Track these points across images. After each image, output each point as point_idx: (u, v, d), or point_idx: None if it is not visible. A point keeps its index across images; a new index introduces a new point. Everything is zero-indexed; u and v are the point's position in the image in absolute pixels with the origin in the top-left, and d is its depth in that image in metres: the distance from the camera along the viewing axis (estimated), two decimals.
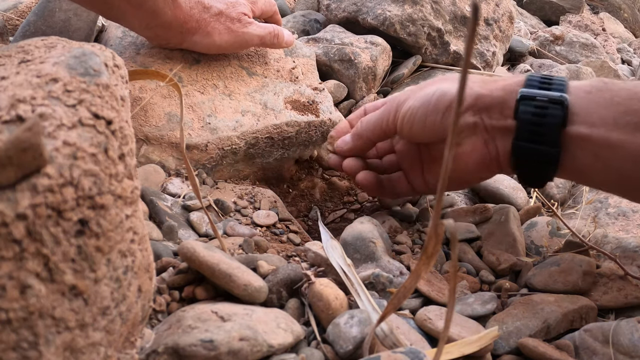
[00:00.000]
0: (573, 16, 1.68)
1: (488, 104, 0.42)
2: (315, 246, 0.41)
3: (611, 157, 0.37)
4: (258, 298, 0.33)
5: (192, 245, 0.34)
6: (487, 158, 0.43)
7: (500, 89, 0.42)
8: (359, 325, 0.31)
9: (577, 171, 0.40)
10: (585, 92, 0.39)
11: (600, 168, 0.38)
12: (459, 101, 0.19)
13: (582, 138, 0.38)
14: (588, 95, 0.39)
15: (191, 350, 0.27)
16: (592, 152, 0.38)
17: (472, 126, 0.42)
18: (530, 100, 0.39)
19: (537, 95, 0.39)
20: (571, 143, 0.38)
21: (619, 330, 0.34)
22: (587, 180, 0.42)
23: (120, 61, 0.28)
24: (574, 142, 0.38)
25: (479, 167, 0.44)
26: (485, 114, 0.42)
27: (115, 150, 0.24)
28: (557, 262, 0.42)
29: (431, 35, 0.83)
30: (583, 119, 0.38)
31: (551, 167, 0.40)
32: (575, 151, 0.38)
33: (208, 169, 0.54)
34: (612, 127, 0.37)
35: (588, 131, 0.38)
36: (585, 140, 0.38)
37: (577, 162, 0.39)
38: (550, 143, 0.39)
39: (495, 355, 0.35)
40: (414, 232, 0.52)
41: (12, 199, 0.19)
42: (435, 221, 0.23)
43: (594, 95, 0.38)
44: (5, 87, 0.23)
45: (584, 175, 0.40)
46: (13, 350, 0.20)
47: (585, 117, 0.38)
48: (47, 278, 0.21)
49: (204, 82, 0.57)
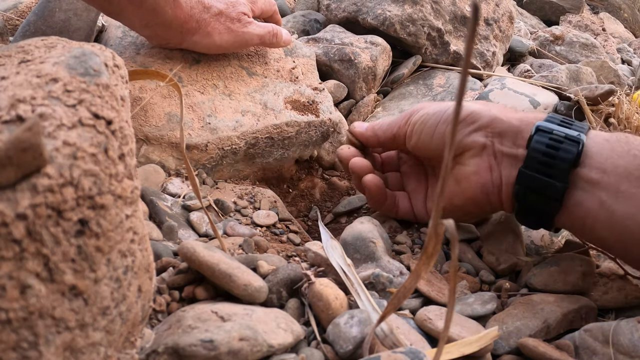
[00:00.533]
0: (573, 16, 1.68)
1: (502, 130, 0.41)
2: (315, 246, 0.41)
3: (617, 208, 0.35)
4: (258, 298, 0.33)
5: (192, 245, 0.34)
6: (489, 185, 0.42)
7: (517, 119, 0.41)
8: (359, 325, 0.31)
9: (579, 219, 0.38)
10: (604, 140, 0.38)
11: (605, 219, 0.36)
12: (459, 100, 0.19)
13: (592, 182, 0.36)
14: (606, 143, 0.37)
15: (191, 350, 0.27)
16: (599, 199, 0.36)
17: (481, 146, 0.41)
18: (546, 133, 0.38)
19: (555, 129, 0.38)
20: (579, 186, 0.37)
21: (619, 330, 0.34)
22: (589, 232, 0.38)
23: (120, 61, 0.28)
24: (583, 185, 0.37)
25: (480, 193, 0.42)
26: (497, 139, 0.41)
27: (115, 150, 0.24)
28: (557, 262, 0.42)
29: (431, 35, 0.83)
30: (596, 163, 0.37)
31: (554, 203, 0.38)
32: (582, 195, 0.37)
33: (208, 169, 0.54)
34: (624, 177, 0.35)
35: (598, 177, 0.36)
36: (595, 186, 0.36)
37: (582, 208, 0.37)
38: (559, 178, 0.37)
39: (495, 355, 0.35)
40: (414, 232, 0.52)
41: (12, 199, 0.19)
42: (435, 221, 0.23)
43: (612, 143, 0.37)
44: (5, 87, 0.23)
45: (586, 226, 0.38)
46: (13, 350, 0.20)
47: (599, 163, 0.37)
48: (47, 278, 0.21)
49: (204, 82, 0.57)
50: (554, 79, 0.87)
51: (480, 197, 0.42)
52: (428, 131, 0.45)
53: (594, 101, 0.78)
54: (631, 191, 0.35)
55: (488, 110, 0.42)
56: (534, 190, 0.38)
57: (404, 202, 0.51)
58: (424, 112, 0.45)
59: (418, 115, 0.46)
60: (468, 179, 0.42)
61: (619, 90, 0.81)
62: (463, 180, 0.43)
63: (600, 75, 1.02)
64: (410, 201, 0.50)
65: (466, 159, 0.42)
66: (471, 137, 0.42)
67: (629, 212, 0.35)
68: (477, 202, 0.43)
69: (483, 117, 0.42)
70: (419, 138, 0.45)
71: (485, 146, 0.41)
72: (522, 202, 0.40)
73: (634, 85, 1.12)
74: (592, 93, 0.78)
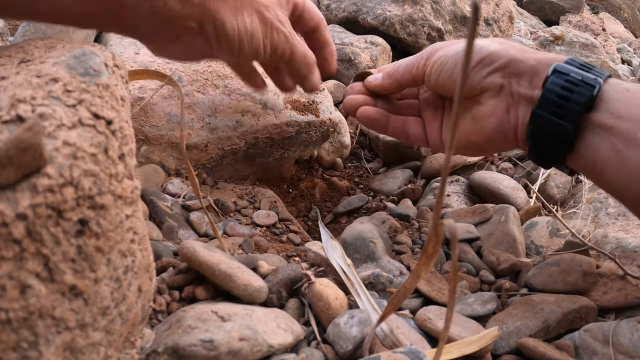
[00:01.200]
0: (573, 16, 1.68)
1: (520, 70, 0.41)
2: (315, 246, 0.41)
3: (629, 155, 0.35)
4: (258, 298, 0.33)
5: (192, 245, 0.34)
6: (505, 124, 0.42)
7: (535, 59, 0.41)
8: (359, 325, 0.31)
9: (590, 162, 0.38)
10: (624, 89, 0.37)
11: (615, 164, 0.36)
12: (459, 100, 0.19)
13: (605, 127, 0.36)
14: (625, 92, 0.37)
15: (191, 350, 0.27)
16: (612, 145, 0.36)
17: (498, 87, 0.42)
18: (562, 74, 0.38)
19: (572, 72, 0.38)
20: (592, 129, 0.37)
21: (619, 330, 0.34)
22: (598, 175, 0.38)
23: (120, 61, 0.28)
24: (596, 129, 0.37)
25: (496, 132, 0.43)
26: (514, 79, 0.42)
27: (115, 150, 0.24)
28: (557, 262, 0.42)
29: (431, 35, 0.83)
30: (612, 109, 0.36)
31: (564, 145, 0.38)
32: (594, 139, 0.37)
33: (208, 169, 0.54)
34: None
35: (613, 122, 0.36)
36: (608, 131, 0.36)
37: (594, 152, 0.37)
38: (570, 120, 0.37)
39: (495, 355, 0.35)
40: (414, 232, 0.52)
41: (12, 199, 0.19)
42: (435, 221, 0.23)
43: (632, 93, 0.37)
44: (5, 87, 0.23)
45: (596, 169, 0.37)
46: (13, 350, 0.20)
47: (615, 109, 0.36)
48: (47, 278, 0.21)
49: (204, 82, 0.57)
50: None
51: (497, 136, 0.43)
52: (447, 72, 0.45)
53: None
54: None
55: (506, 51, 0.42)
56: (547, 131, 0.39)
57: (415, 128, 0.51)
58: (442, 53, 0.46)
59: (437, 55, 0.46)
60: (486, 119, 0.43)
61: None
62: (481, 119, 0.43)
63: None
64: (425, 128, 0.51)
65: (484, 99, 0.43)
66: (489, 79, 0.43)
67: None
68: (494, 140, 0.44)
69: (502, 58, 0.42)
70: (438, 78, 0.46)
71: (503, 87, 0.42)
72: (535, 142, 0.40)
73: None
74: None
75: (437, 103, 0.51)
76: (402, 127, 0.50)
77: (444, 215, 0.54)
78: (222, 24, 0.39)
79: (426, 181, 0.65)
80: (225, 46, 0.41)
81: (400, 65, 0.50)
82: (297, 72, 0.48)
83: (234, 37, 0.40)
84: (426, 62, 0.47)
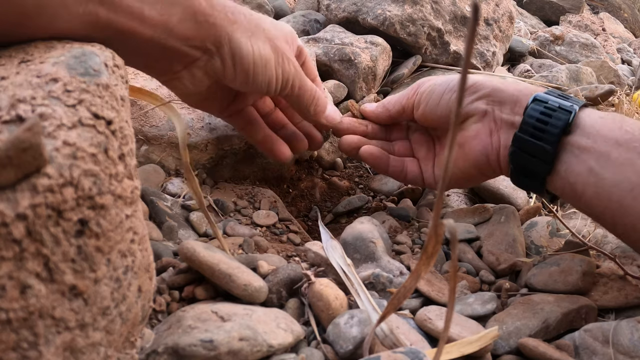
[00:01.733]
0: (573, 16, 1.68)
1: (502, 98, 0.44)
2: (315, 246, 0.41)
3: (606, 176, 0.37)
4: (258, 298, 0.33)
5: (192, 245, 0.34)
6: (489, 148, 0.45)
7: (517, 89, 0.44)
8: (359, 325, 0.31)
9: (569, 184, 0.39)
10: (599, 117, 0.40)
11: (593, 184, 0.37)
12: (459, 100, 0.19)
13: (582, 148, 0.38)
14: (599, 119, 0.39)
15: (191, 350, 0.27)
16: (589, 166, 0.38)
17: (482, 113, 0.45)
18: (542, 102, 0.41)
19: (550, 100, 0.41)
20: (570, 150, 0.39)
21: (619, 330, 0.34)
22: (579, 198, 0.39)
23: (120, 61, 0.28)
24: (574, 150, 0.39)
25: (481, 155, 0.45)
26: (497, 106, 0.44)
27: (115, 150, 0.24)
28: (557, 262, 0.42)
29: (431, 35, 0.83)
30: (588, 132, 0.39)
31: (544, 166, 0.40)
32: (571, 160, 0.39)
33: (208, 169, 0.54)
34: (614, 146, 0.37)
35: (589, 144, 0.38)
36: (585, 152, 0.38)
37: (572, 173, 0.39)
38: (549, 142, 0.40)
39: (495, 355, 0.35)
40: (414, 232, 0.52)
41: (12, 199, 0.19)
42: (435, 221, 0.23)
43: (606, 120, 0.39)
44: (5, 87, 0.23)
45: (576, 192, 0.39)
46: (13, 350, 0.20)
47: (591, 132, 0.39)
48: (47, 278, 0.21)
49: None
50: (554, 79, 0.87)
51: (481, 160, 0.45)
52: (435, 99, 0.48)
53: (594, 101, 0.78)
54: (620, 160, 0.36)
55: (490, 81, 0.46)
56: (527, 152, 0.41)
57: (412, 167, 0.53)
58: (431, 83, 0.49)
59: (425, 86, 0.49)
60: (470, 143, 0.46)
61: (619, 90, 0.81)
62: (466, 144, 0.46)
63: (600, 75, 1.02)
64: (420, 167, 0.53)
65: (469, 125, 0.46)
66: (474, 105, 0.46)
67: (616, 180, 0.36)
68: (479, 164, 0.46)
69: (485, 87, 0.45)
70: (426, 106, 0.49)
71: (487, 113, 0.45)
72: (517, 163, 0.43)
73: (634, 85, 1.12)
74: (592, 93, 0.78)
75: (429, 143, 0.54)
76: (402, 167, 0.53)
77: (444, 215, 0.54)
78: (238, 45, 0.39)
79: None
80: (240, 69, 0.40)
81: (393, 97, 0.53)
82: (306, 108, 0.48)
83: (250, 60, 0.40)
84: (415, 92, 0.50)
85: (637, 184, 0.35)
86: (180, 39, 0.37)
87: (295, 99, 0.47)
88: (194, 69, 0.40)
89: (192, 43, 0.38)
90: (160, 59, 0.38)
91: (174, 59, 0.38)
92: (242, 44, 0.40)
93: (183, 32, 0.37)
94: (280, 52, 0.43)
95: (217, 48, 0.39)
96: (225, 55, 0.39)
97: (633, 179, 0.35)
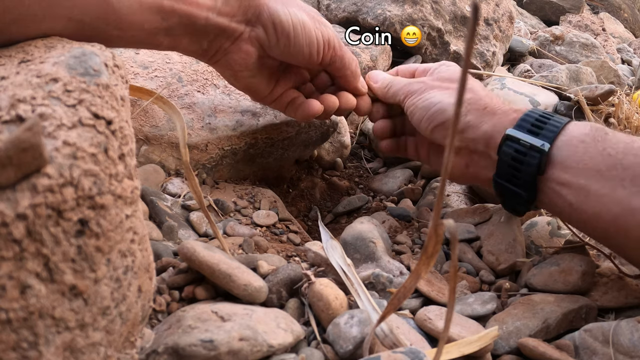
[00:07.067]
0: (573, 16, 1.68)
1: (475, 136, 0.44)
2: (315, 246, 0.41)
3: (586, 209, 0.36)
4: (258, 298, 0.33)
5: (192, 245, 0.34)
6: (468, 176, 0.47)
7: (490, 125, 0.43)
8: (359, 325, 0.31)
9: (555, 214, 0.42)
10: (579, 141, 0.38)
11: (575, 218, 0.38)
12: (459, 100, 0.19)
13: (561, 184, 0.38)
14: (580, 144, 0.38)
15: (191, 350, 0.27)
16: (567, 200, 0.38)
17: (456, 149, 0.46)
18: (513, 142, 0.41)
19: (522, 139, 0.40)
20: (549, 187, 0.39)
21: (619, 330, 0.34)
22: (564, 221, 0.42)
23: (120, 61, 0.28)
24: (553, 187, 0.39)
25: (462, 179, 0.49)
26: (471, 143, 0.45)
27: (115, 150, 0.24)
28: (557, 262, 0.42)
29: (431, 35, 0.83)
30: (566, 166, 0.38)
31: (524, 207, 0.42)
32: (552, 196, 0.39)
33: (208, 169, 0.54)
34: (594, 178, 0.36)
35: (568, 178, 0.37)
36: (563, 187, 0.38)
37: (554, 205, 0.40)
38: (524, 187, 0.40)
39: (495, 355, 0.35)
40: (414, 232, 0.52)
41: (12, 199, 0.19)
42: (435, 221, 0.23)
43: (587, 145, 0.37)
44: (5, 87, 0.23)
45: (562, 217, 0.41)
46: (13, 350, 0.20)
47: (569, 165, 0.38)
48: (47, 278, 0.21)
49: (204, 82, 0.57)
50: (554, 79, 0.87)
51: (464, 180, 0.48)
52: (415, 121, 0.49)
53: (594, 101, 0.78)
54: (601, 192, 0.35)
55: (463, 116, 0.45)
56: (507, 196, 0.43)
57: (409, 146, 0.56)
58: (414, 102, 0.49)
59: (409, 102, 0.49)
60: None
61: (619, 90, 0.81)
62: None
63: (600, 75, 1.02)
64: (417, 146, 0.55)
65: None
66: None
67: (597, 212, 0.36)
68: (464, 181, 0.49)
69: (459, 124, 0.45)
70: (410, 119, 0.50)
71: (460, 148, 0.46)
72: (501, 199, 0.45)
73: (634, 85, 1.12)
74: (592, 93, 0.78)
75: None
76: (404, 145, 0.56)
77: (444, 215, 0.54)
78: (275, 11, 0.44)
79: (426, 181, 0.65)
80: (281, 33, 0.44)
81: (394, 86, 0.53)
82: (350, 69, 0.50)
83: (289, 23, 0.44)
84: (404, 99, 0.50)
85: (619, 215, 0.34)
86: (227, 15, 0.43)
87: (339, 59, 0.49)
88: (240, 43, 0.45)
89: (237, 18, 0.44)
90: (214, 39, 0.44)
91: (223, 36, 0.44)
92: (279, 10, 0.44)
93: (229, 10, 0.43)
94: (315, 17, 0.47)
95: (257, 17, 0.44)
96: (265, 21, 0.44)
97: (614, 210, 0.34)
